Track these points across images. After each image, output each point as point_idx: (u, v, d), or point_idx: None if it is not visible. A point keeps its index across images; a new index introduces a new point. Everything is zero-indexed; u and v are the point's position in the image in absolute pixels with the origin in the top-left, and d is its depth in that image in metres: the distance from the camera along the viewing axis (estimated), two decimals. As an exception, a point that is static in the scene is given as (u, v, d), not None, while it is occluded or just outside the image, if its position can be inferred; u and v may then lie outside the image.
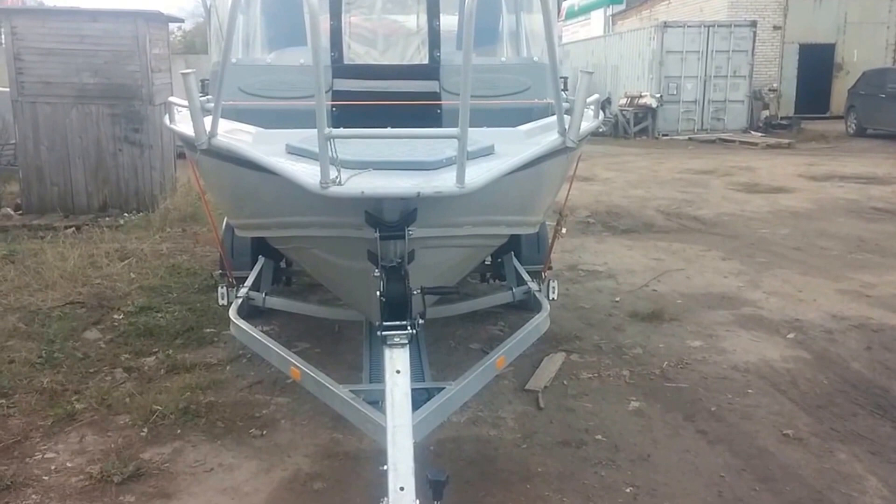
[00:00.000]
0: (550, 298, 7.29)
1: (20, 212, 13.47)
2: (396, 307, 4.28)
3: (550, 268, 7.90)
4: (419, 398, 5.07)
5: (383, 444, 4.08)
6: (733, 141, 29.73)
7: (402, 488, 3.73)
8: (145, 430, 5.99)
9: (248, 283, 7.13)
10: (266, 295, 7.15)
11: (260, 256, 7.61)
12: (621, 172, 20.68)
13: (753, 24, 32.45)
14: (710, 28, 32.09)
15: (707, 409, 6.43)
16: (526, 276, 7.35)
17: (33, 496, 5.13)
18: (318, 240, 5.12)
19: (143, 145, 13.53)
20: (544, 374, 7.08)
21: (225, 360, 7.34)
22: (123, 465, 5.41)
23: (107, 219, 12.89)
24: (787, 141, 28.83)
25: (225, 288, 7.25)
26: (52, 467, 5.48)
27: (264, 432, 6.01)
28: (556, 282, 7.51)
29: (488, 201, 4.73)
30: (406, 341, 4.33)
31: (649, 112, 31.89)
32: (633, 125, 31.90)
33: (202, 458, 5.63)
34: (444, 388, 5.06)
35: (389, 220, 4.24)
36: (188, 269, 10.35)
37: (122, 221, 12.92)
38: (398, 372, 4.21)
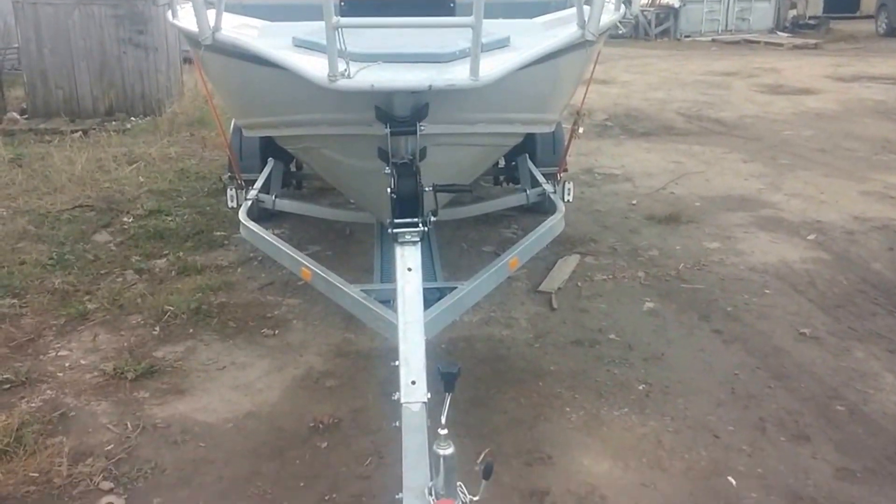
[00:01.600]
0: (565, 200, 7.30)
1: (26, 116, 13.46)
2: (408, 204, 4.30)
3: (566, 170, 7.87)
4: (431, 297, 5.13)
5: (395, 342, 4.14)
6: (758, 42, 29.19)
7: (413, 382, 3.79)
8: (157, 329, 6.11)
9: (258, 185, 7.14)
10: (276, 197, 7.17)
11: (269, 159, 7.60)
12: (641, 75, 20.43)
13: (783, -82, 31.61)
14: (738, -77, 31.29)
15: (723, 310, 6.49)
16: (541, 178, 7.33)
17: (48, 392, 5.26)
18: (327, 138, 5.11)
19: (148, 48, 13.43)
20: (558, 276, 7.13)
21: (236, 263, 7.42)
22: (137, 362, 5.53)
23: (113, 123, 12.86)
24: (813, 42, 28.30)
25: (234, 190, 7.29)
26: (66, 364, 5.60)
27: (276, 332, 6.11)
28: (571, 184, 7.50)
29: (503, 97, 4.70)
30: (417, 239, 4.35)
31: (671, 12, 31.30)
32: (655, 26, 31.33)
33: (215, 356, 5.74)
34: (455, 288, 5.11)
35: (400, 115, 4.21)
36: (197, 172, 10.39)
37: (128, 126, 12.90)
38: (410, 269, 4.25)
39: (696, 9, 31.35)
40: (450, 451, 3.06)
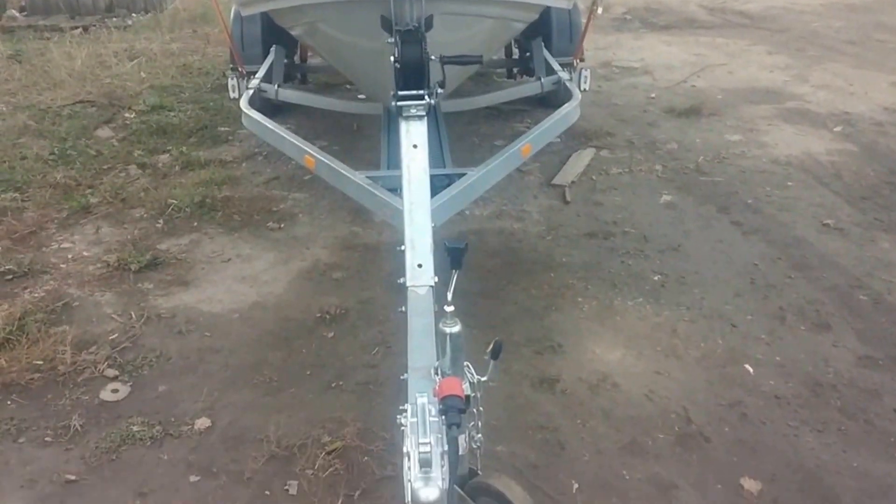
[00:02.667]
0: (582, 89, 7.14)
1: (25, 13, 13.27)
2: (413, 74, 4.16)
3: (582, 59, 7.71)
4: (439, 184, 5.06)
5: (401, 228, 4.08)
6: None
7: (420, 265, 3.72)
8: (161, 221, 6.08)
9: (260, 74, 7.02)
10: (279, 87, 7.05)
11: (272, 47, 7.45)
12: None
13: None
14: None
15: (743, 202, 6.41)
16: (556, 65, 7.17)
17: (51, 282, 5.27)
18: (326, 7, 4.95)
19: (148, -63, 13.16)
20: (572, 170, 7.05)
21: (240, 158, 7.37)
22: (140, 254, 5.52)
23: (114, 19, 12.69)
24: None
25: (236, 80, 7.15)
26: (69, 256, 5.61)
27: (282, 225, 6.08)
28: (588, 71, 7.32)
29: None
30: (423, 113, 4.23)
31: None
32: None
33: (219, 249, 5.73)
34: (465, 174, 5.03)
35: None
36: (200, 68, 10.26)
37: (129, 22, 12.74)
38: (415, 146, 4.13)
39: None
40: (456, 328, 3.00)
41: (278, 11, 5.61)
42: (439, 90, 4.24)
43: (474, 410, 3.08)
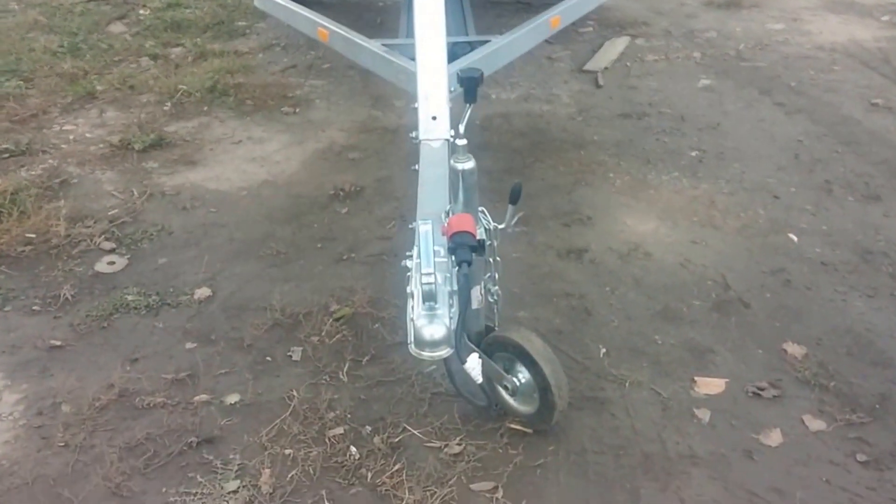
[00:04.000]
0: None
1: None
2: None
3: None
4: (461, 52, 4.69)
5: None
6: None
7: (434, 118, 3.38)
8: (168, 104, 5.75)
9: None
10: None
11: None
12: None
13: None
14: None
15: (786, 85, 5.98)
16: None
17: (50, 161, 4.99)
18: None
19: None
20: (605, 56, 6.63)
21: (257, 49, 7.00)
22: (145, 134, 5.19)
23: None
24: None
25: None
26: (71, 137, 5.32)
27: (297, 110, 5.74)
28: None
29: None
30: None
31: None
32: None
33: (230, 132, 5.41)
34: (489, 41, 4.65)
35: None
36: (220, -29, 9.80)
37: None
38: None
39: None
40: (469, 164, 2.66)
41: None
42: None
43: (490, 260, 2.76)
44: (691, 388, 3.09)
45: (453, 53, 4.00)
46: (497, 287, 2.78)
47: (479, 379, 2.61)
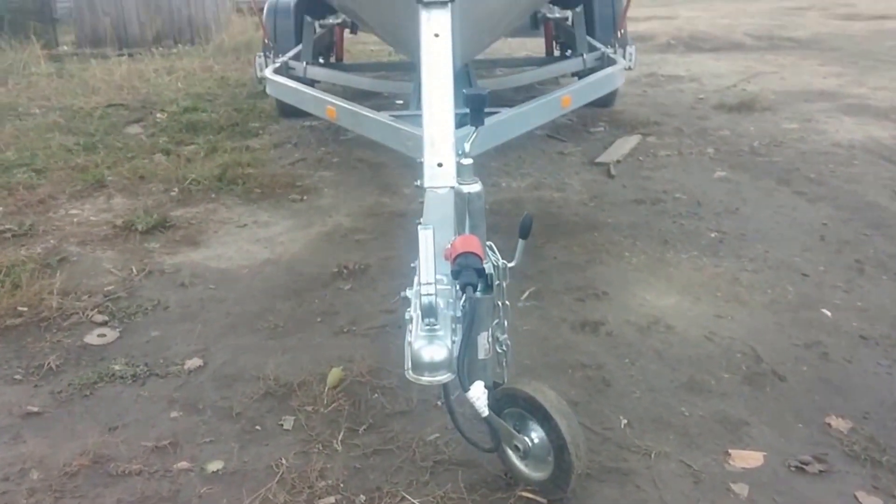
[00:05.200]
0: (627, 67, 6.49)
1: (75, 45, 13.01)
2: None
3: (623, 33, 7.06)
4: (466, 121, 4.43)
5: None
6: (829, -11, 27.69)
7: (440, 164, 3.08)
8: (175, 190, 5.52)
9: (290, 54, 6.53)
10: (307, 64, 6.53)
11: (303, 19, 6.99)
12: (706, 11, 19.33)
13: None
14: None
15: (805, 177, 5.70)
16: (597, 43, 6.57)
17: (51, 241, 4.71)
18: None
19: (195, -30, 12.88)
20: (617, 151, 6.41)
21: (269, 146, 6.83)
22: (149, 217, 4.93)
23: (160, 48, 12.33)
24: (889, -13, 26.81)
25: (263, 58, 6.66)
26: (75, 220, 5.07)
27: (304, 198, 5.51)
28: (633, 47, 6.65)
29: None
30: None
31: (738, -38, 29.92)
32: (721, -23, 30.01)
33: (235, 216, 5.15)
34: (498, 112, 4.41)
35: None
36: (237, 80, 9.82)
37: (174, 51, 12.36)
38: (437, 35, 3.46)
39: (763, -42, 29.88)
40: (476, 187, 2.36)
41: None
42: None
43: (498, 303, 2.42)
44: (725, 462, 2.69)
45: (461, 123, 3.71)
46: (506, 336, 2.42)
47: (485, 412, 2.23)
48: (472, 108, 2.46)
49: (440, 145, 3.12)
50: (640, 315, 3.68)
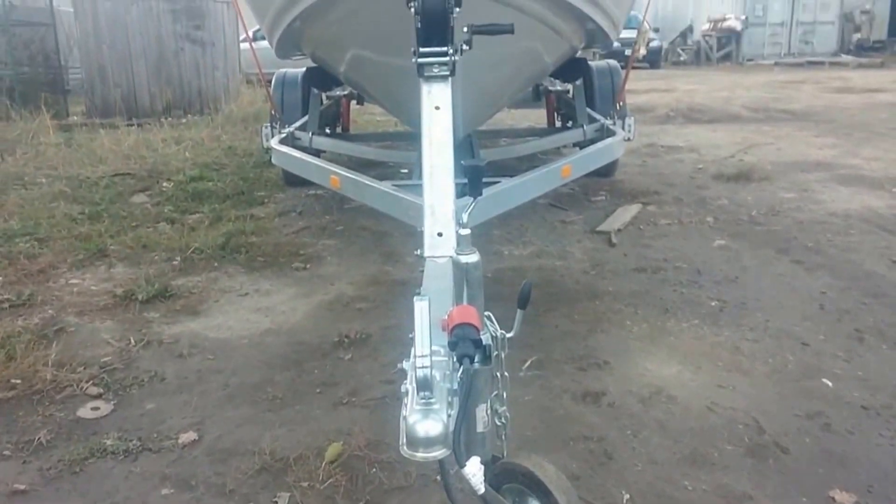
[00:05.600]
0: (627, 139, 6.49)
1: (85, 115, 13.10)
2: (435, 27, 3.50)
3: (622, 105, 7.08)
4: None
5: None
6: (822, 63, 28.04)
7: (440, 234, 3.04)
8: (178, 259, 5.46)
9: (297, 124, 6.54)
10: (313, 135, 6.53)
11: (310, 95, 7.00)
12: (703, 85, 19.58)
13: (845, -62, 30.45)
14: (798, -55, 30.22)
15: (803, 246, 5.64)
16: (597, 115, 6.58)
17: (49, 311, 4.62)
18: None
19: (206, 43, 13.03)
20: (618, 219, 6.36)
21: (273, 214, 6.78)
22: (150, 286, 4.85)
23: (169, 119, 12.41)
24: (879, 60, 27.14)
25: (269, 128, 6.67)
26: (75, 290, 4.98)
27: (307, 266, 5.43)
28: (632, 119, 6.66)
29: None
30: (447, 72, 3.55)
31: (733, 36, 30.36)
32: (717, 51, 30.40)
33: (237, 285, 5.07)
34: (499, 181, 4.37)
35: None
36: (245, 150, 9.84)
37: (183, 121, 12.43)
38: (438, 108, 3.44)
39: (758, 32, 30.36)
40: (474, 258, 2.29)
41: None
42: (464, 47, 3.57)
43: (497, 375, 2.34)
44: (729, 538, 2.57)
45: (462, 193, 3.67)
46: (505, 408, 2.32)
47: (481, 489, 2.12)
48: (471, 179, 2.41)
49: (440, 215, 3.09)
50: (642, 385, 3.58)
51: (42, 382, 3.71)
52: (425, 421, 1.84)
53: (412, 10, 3.41)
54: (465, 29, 3.57)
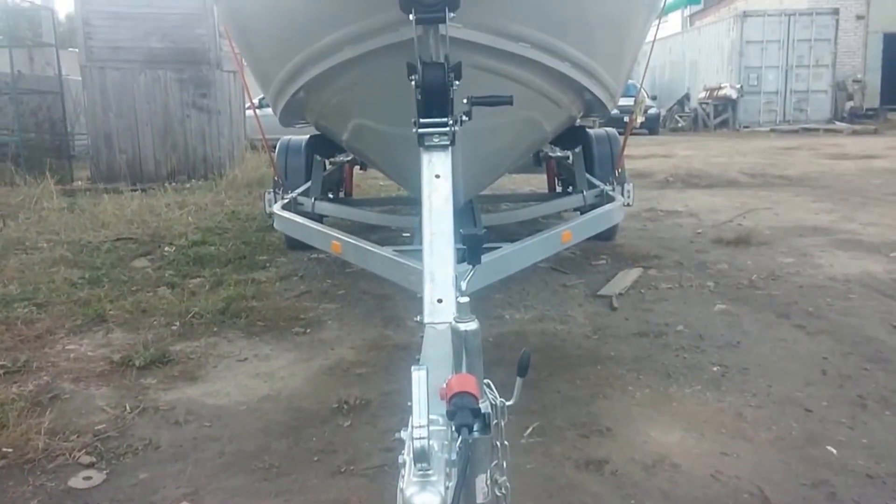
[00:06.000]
0: (626, 204, 6.47)
1: (90, 181, 13.13)
2: (435, 99, 3.50)
3: (621, 170, 7.09)
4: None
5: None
6: (817, 130, 28.21)
7: (440, 300, 2.99)
8: (177, 324, 5.39)
9: (299, 190, 6.53)
10: (315, 200, 6.52)
11: (313, 162, 7.02)
12: (701, 150, 19.67)
13: (835, 11, 30.79)
14: (791, 17, 30.56)
15: (804, 310, 5.56)
16: (596, 181, 6.58)
17: (45, 377, 4.54)
18: (353, 67, 4.30)
19: (211, 111, 13.11)
20: (619, 283, 6.30)
21: (274, 279, 6.72)
22: (148, 351, 4.78)
23: (173, 184, 12.43)
24: (872, 127, 27.32)
25: (272, 194, 6.66)
26: (72, 356, 4.91)
27: (308, 330, 5.36)
28: (631, 185, 6.66)
29: (551, 13, 3.96)
30: (447, 142, 3.54)
31: (729, 104, 30.56)
32: (713, 118, 30.62)
33: (237, 350, 5.00)
34: (500, 247, 4.33)
35: None
36: (248, 214, 9.82)
37: (187, 186, 12.45)
38: (438, 176, 3.43)
39: (753, 100, 30.55)
40: (472, 325, 2.24)
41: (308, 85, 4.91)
42: (464, 118, 3.57)
43: (497, 444, 2.26)
44: None
45: (463, 258, 3.64)
46: (505, 478, 2.24)
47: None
48: (469, 248, 2.38)
49: (440, 281, 3.06)
50: (645, 452, 3.49)
51: (34, 451, 3.62)
52: (423, 493, 1.77)
53: (413, 82, 3.41)
54: (465, 100, 3.57)
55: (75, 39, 13.00)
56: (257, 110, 7.65)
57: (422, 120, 3.45)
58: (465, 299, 2.28)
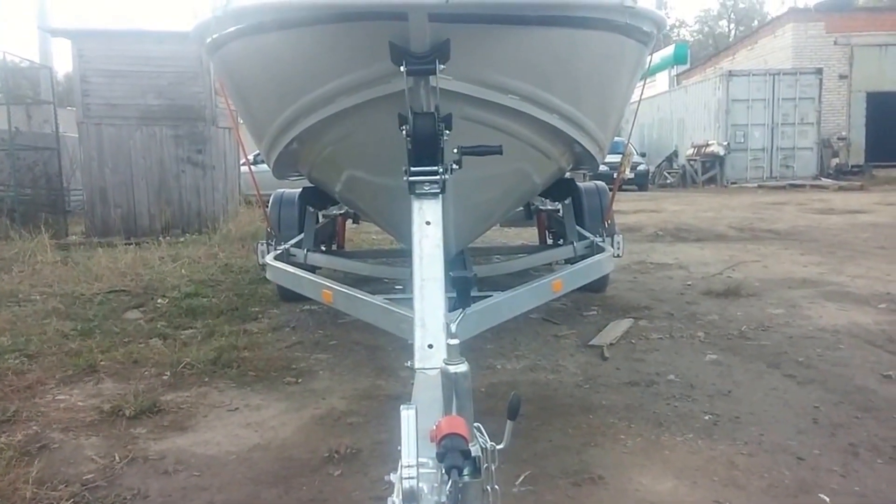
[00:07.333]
0: (616, 255, 6.48)
1: (84, 235, 13.11)
2: (425, 148, 3.52)
3: (610, 222, 7.12)
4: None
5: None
6: (804, 185, 28.43)
7: (430, 346, 2.99)
8: (168, 374, 5.34)
9: (292, 242, 6.53)
10: (308, 251, 6.51)
11: (306, 214, 7.04)
12: (689, 206, 19.78)
13: (819, 70, 31.20)
14: (776, 76, 30.97)
15: (794, 360, 5.55)
16: (586, 233, 6.60)
17: (34, 427, 4.48)
18: (345, 118, 4.32)
19: (206, 166, 13.15)
20: (610, 334, 6.28)
21: (267, 329, 6.68)
22: (138, 401, 4.73)
23: (167, 237, 12.42)
24: (858, 183, 27.54)
25: (265, 245, 6.65)
26: (62, 406, 4.85)
27: (299, 380, 5.32)
28: (621, 237, 6.67)
29: (540, 67, 4.00)
30: (437, 190, 3.56)
31: (717, 160, 30.80)
32: (701, 174, 30.85)
33: (227, 400, 4.95)
34: (491, 295, 4.32)
35: (417, 49, 3.42)
36: (241, 267, 9.80)
37: (182, 240, 12.44)
38: (428, 223, 3.44)
39: (740, 157, 30.80)
40: (462, 367, 2.22)
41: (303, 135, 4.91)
42: (454, 167, 3.59)
43: (488, 489, 2.23)
44: None
45: (454, 305, 3.65)
46: (496, 522, 2.20)
47: None
48: (459, 290, 2.38)
49: (430, 327, 3.06)
50: (638, 501, 3.45)
51: (21, 501, 3.56)
52: None
53: (404, 132, 3.44)
54: (455, 150, 3.60)
55: (73, 98, 13.06)
56: (252, 166, 7.68)
57: (412, 168, 3.47)
58: (455, 341, 2.27)
